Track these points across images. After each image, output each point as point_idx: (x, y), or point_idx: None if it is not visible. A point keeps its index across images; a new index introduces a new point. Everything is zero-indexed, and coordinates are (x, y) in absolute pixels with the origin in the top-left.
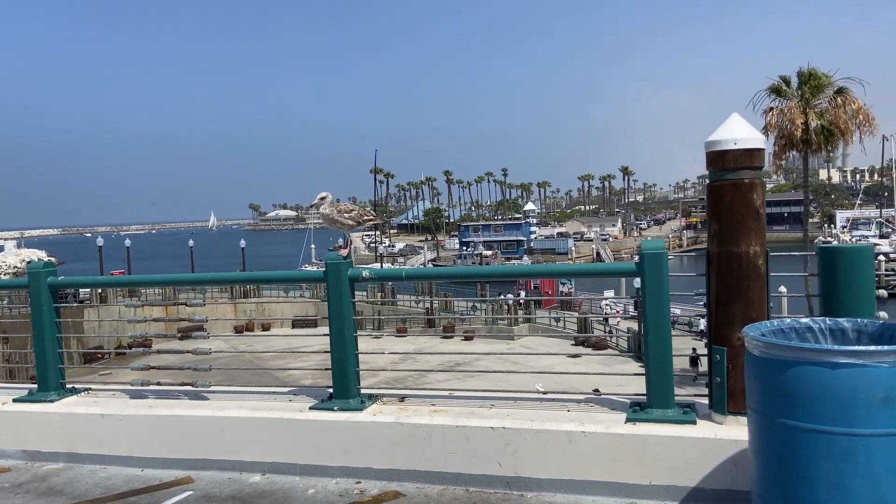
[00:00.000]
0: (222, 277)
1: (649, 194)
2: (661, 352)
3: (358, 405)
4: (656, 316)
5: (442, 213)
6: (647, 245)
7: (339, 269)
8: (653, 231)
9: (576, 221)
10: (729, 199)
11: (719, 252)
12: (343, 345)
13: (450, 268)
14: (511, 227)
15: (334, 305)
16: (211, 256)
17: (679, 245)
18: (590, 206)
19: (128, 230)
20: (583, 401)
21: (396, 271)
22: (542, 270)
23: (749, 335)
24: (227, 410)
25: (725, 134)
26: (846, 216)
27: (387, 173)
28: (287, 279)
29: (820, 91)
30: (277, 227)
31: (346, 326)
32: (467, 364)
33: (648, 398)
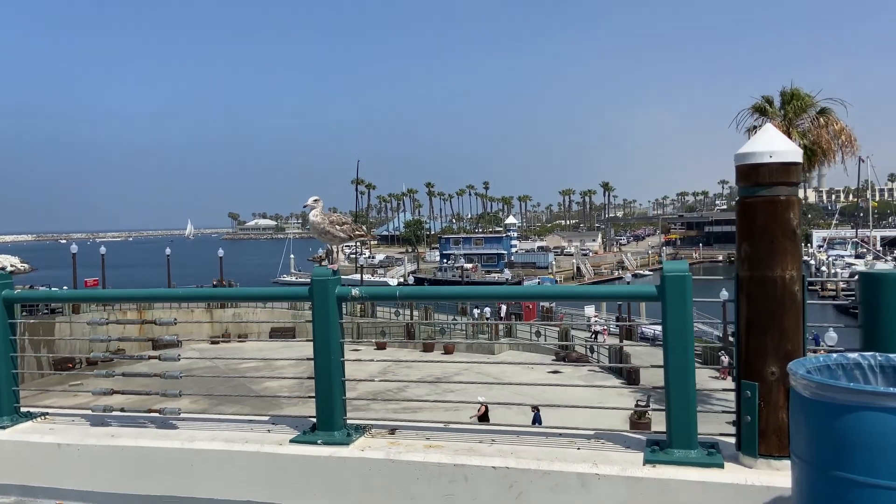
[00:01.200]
0: (197, 294)
1: (629, 210)
2: (683, 385)
3: (344, 438)
4: (679, 346)
5: (423, 225)
6: (670, 267)
7: (325, 287)
8: (632, 247)
9: (556, 236)
10: (763, 218)
11: (751, 276)
12: (329, 370)
13: (450, 287)
14: (492, 240)
15: (320, 326)
16: (188, 265)
17: (658, 261)
18: (570, 221)
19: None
20: (593, 436)
21: (390, 290)
22: (553, 293)
23: (798, 374)
24: (197, 442)
25: (760, 145)
26: (822, 236)
27: (368, 184)
28: (268, 297)
29: (803, 111)
30: (256, 236)
31: (332, 350)
32: (447, 378)
33: (669, 437)
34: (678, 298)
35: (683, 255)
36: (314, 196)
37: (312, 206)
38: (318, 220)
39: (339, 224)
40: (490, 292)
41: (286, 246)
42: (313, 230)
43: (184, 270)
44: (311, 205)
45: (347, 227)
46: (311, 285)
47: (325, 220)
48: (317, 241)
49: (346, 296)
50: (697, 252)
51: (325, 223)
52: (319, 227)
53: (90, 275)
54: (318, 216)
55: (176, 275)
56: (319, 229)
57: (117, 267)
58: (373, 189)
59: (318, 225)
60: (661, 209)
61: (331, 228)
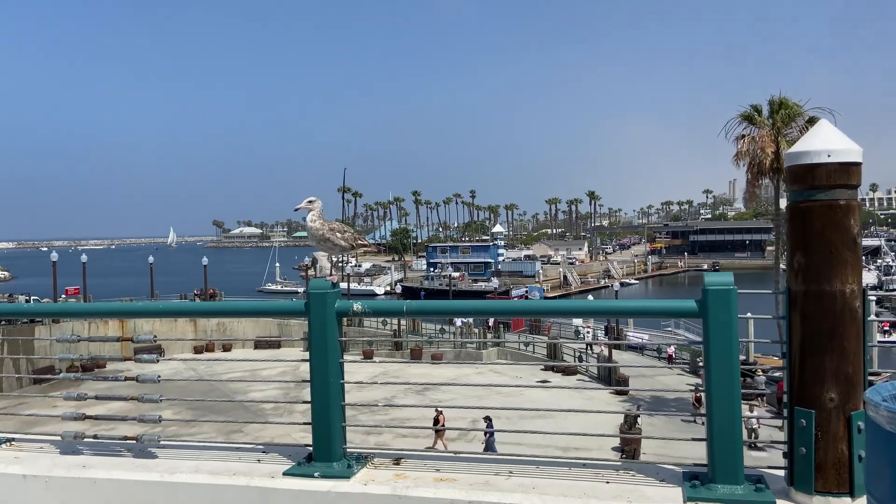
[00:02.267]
0: (182, 308)
1: (615, 219)
2: (728, 413)
3: (344, 470)
4: (724, 369)
5: (409, 233)
6: (713, 279)
7: (324, 301)
8: (618, 255)
9: (543, 244)
10: (820, 225)
11: (806, 291)
12: (327, 394)
13: (460, 302)
14: (479, 248)
15: (317, 345)
16: (172, 273)
17: (644, 270)
18: (556, 230)
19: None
20: (621, 467)
21: (396, 305)
22: (580, 308)
23: (879, 405)
24: (179, 474)
25: (816, 143)
26: None
27: (355, 192)
28: (258, 311)
29: (791, 120)
30: (241, 244)
31: (331, 371)
32: (436, 388)
33: (711, 470)
34: (722, 315)
35: (669, 264)
36: (310, 197)
37: (307, 209)
38: (317, 225)
39: (340, 232)
40: (506, 307)
41: (271, 254)
42: (311, 237)
43: (167, 279)
44: (306, 207)
45: (349, 235)
46: (308, 299)
47: (324, 226)
48: (302, 250)
49: (347, 311)
50: (683, 261)
51: (325, 230)
52: (318, 234)
53: (71, 283)
54: (317, 221)
55: (159, 283)
56: (318, 236)
57: (99, 275)
58: (359, 197)
59: (317, 231)
60: (646, 218)
61: (331, 236)
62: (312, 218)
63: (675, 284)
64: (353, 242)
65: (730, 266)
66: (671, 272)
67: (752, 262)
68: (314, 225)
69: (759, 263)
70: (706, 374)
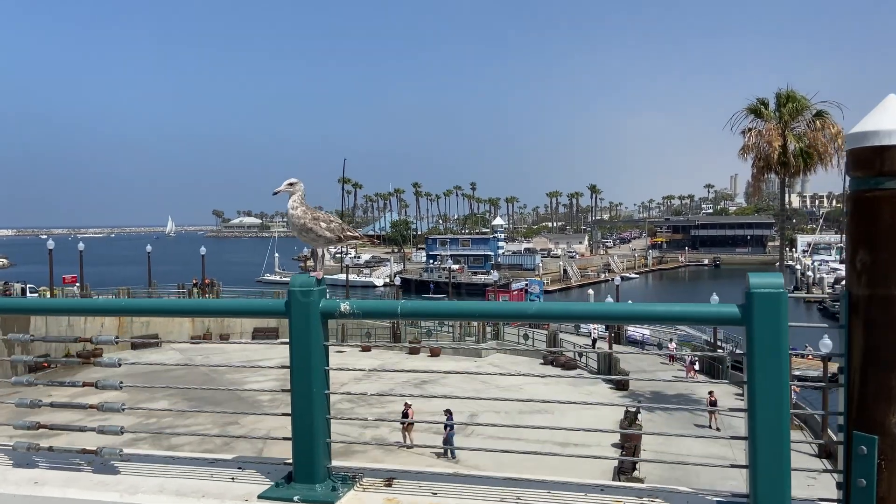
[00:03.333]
0: (154, 306)
1: (615, 213)
2: (776, 437)
3: (328, 494)
4: (771, 388)
5: (409, 225)
6: (759, 281)
7: (307, 301)
8: (619, 249)
9: (543, 237)
10: (890, 218)
11: (871, 295)
12: (310, 406)
13: (465, 304)
14: (479, 241)
15: (299, 350)
16: (170, 263)
17: (644, 264)
18: (557, 223)
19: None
20: (645, 493)
21: (389, 306)
22: (610, 313)
23: None
24: (141, 494)
25: (886, 122)
26: (807, 240)
27: (355, 183)
28: (237, 311)
29: (798, 113)
30: (241, 234)
31: (314, 380)
32: (434, 382)
33: (754, 502)
34: (770, 323)
35: (669, 259)
36: (290, 178)
37: (288, 192)
38: (299, 213)
39: (325, 222)
40: (516, 310)
41: (270, 244)
42: (292, 226)
43: (165, 268)
44: (286, 190)
45: (336, 225)
46: (289, 298)
47: (306, 215)
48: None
49: (333, 311)
50: (683, 255)
51: (307, 219)
52: (298, 223)
53: (68, 271)
54: (299, 208)
55: (157, 273)
56: (299, 225)
57: (97, 264)
58: (359, 188)
59: (298, 220)
60: (647, 212)
61: (314, 225)
62: (293, 204)
63: (675, 279)
64: (341, 234)
65: (731, 261)
66: (672, 267)
67: (754, 257)
68: (295, 212)
69: (761, 259)
70: (749, 393)
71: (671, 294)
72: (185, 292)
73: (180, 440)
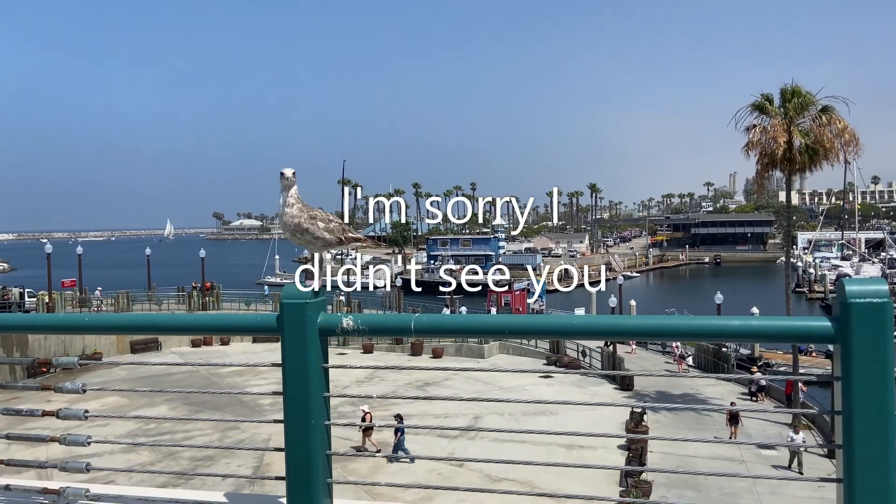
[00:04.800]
0: (129, 322)
1: (615, 212)
2: (878, 478)
3: None
4: (874, 419)
5: (410, 225)
6: (858, 289)
7: (302, 315)
8: (619, 248)
9: (543, 237)
10: None
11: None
12: (306, 440)
13: (487, 317)
14: (479, 241)
15: (294, 373)
16: (170, 266)
17: (645, 263)
18: (557, 223)
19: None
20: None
21: (400, 322)
22: (670, 329)
23: None
24: None
25: None
26: (807, 238)
27: (355, 184)
28: (221, 328)
29: (804, 109)
30: (241, 236)
31: (312, 410)
32: (437, 383)
33: None
34: (874, 341)
35: (670, 257)
36: (286, 170)
37: (286, 184)
38: (294, 211)
39: (324, 221)
40: (556, 325)
41: (271, 246)
42: (284, 227)
43: (165, 271)
44: (286, 184)
45: (336, 226)
46: (281, 311)
47: (302, 213)
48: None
49: (333, 327)
50: (684, 254)
51: (303, 218)
52: (293, 223)
53: (69, 275)
54: (295, 206)
55: (157, 276)
56: (293, 225)
57: (96, 267)
58: (359, 189)
59: (293, 219)
60: (646, 211)
61: (311, 226)
62: (289, 201)
63: (676, 277)
64: (342, 235)
65: (731, 259)
66: (672, 265)
67: (754, 255)
68: (290, 210)
69: (761, 256)
70: (845, 424)
71: (674, 293)
72: (185, 295)
73: (179, 449)
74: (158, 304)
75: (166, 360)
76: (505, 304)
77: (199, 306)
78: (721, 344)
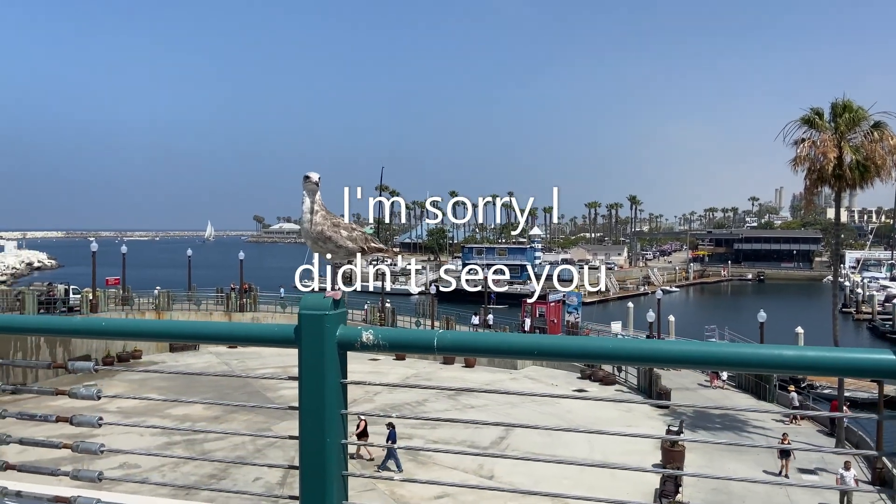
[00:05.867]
0: (148, 329)
1: (655, 225)
2: None
3: None
4: None
5: (446, 233)
6: None
7: (320, 327)
8: (658, 262)
9: (581, 248)
10: None
11: None
12: (321, 458)
13: (525, 338)
14: (515, 251)
15: (310, 388)
16: (210, 267)
17: (685, 277)
18: (595, 234)
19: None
20: None
21: (423, 338)
22: (725, 357)
23: None
24: None
25: None
26: (855, 256)
27: (392, 191)
28: (236, 337)
29: (855, 124)
30: (280, 239)
31: (327, 428)
32: (468, 393)
33: None
34: None
35: (711, 272)
36: (311, 174)
37: (310, 189)
38: (318, 219)
39: (348, 230)
40: (579, 348)
41: (308, 250)
42: (306, 234)
43: (206, 272)
44: (308, 189)
45: (359, 234)
46: (299, 323)
47: (325, 221)
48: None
49: (353, 341)
50: (726, 269)
51: (326, 225)
52: (315, 231)
53: (113, 273)
54: (319, 213)
55: (197, 276)
56: (315, 233)
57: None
58: (397, 196)
59: (316, 227)
60: (688, 225)
61: (334, 234)
62: (314, 208)
63: (717, 294)
64: (365, 244)
65: (776, 276)
66: (713, 280)
67: (800, 272)
68: (315, 218)
69: (807, 274)
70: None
71: (715, 310)
72: (224, 296)
73: (213, 445)
74: (197, 304)
75: (200, 360)
76: (539, 315)
77: (237, 308)
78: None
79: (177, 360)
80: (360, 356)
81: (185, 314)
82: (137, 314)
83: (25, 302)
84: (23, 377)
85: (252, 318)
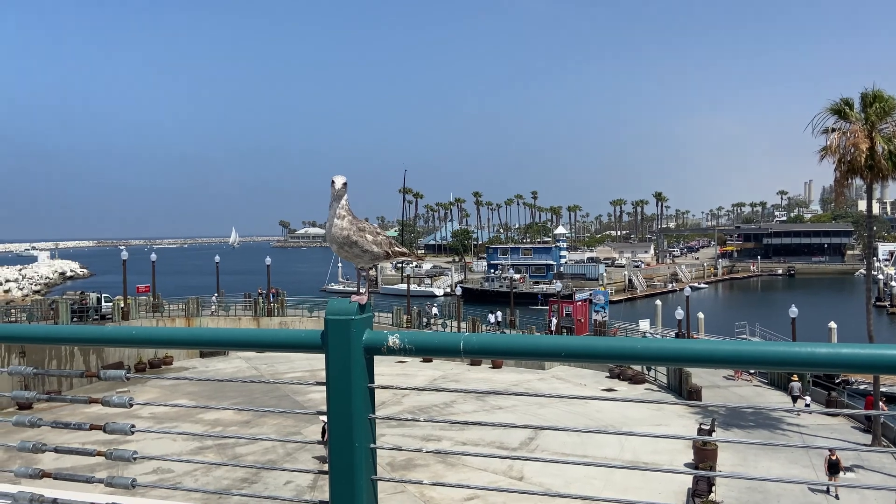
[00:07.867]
0: (173, 337)
1: (682, 221)
2: None
3: None
4: None
5: (470, 234)
6: None
7: (347, 332)
8: (686, 259)
9: (607, 247)
10: None
11: None
12: (350, 463)
13: (555, 340)
14: (540, 250)
15: (338, 393)
16: (238, 273)
17: (714, 273)
18: (621, 232)
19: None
20: None
21: (449, 341)
22: (757, 356)
23: None
24: None
25: None
26: (889, 249)
27: (416, 193)
28: (263, 343)
29: (886, 114)
30: (306, 244)
31: (356, 432)
32: (496, 393)
33: None
34: None
35: (740, 268)
36: (339, 178)
37: (339, 194)
38: (345, 224)
39: (373, 234)
40: (607, 349)
41: (335, 254)
42: (332, 239)
43: (233, 278)
44: (337, 193)
45: (383, 239)
46: (326, 328)
47: (352, 226)
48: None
49: (379, 346)
50: (755, 265)
51: (353, 230)
52: (342, 235)
53: (144, 281)
54: (346, 218)
55: (225, 282)
56: (341, 238)
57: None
58: (420, 198)
59: (342, 231)
60: (715, 220)
61: (359, 238)
62: (340, 213)
63: (747, 289)
64: (389, 249)
65: (806, 271)
66: (743, 276)
67: (831, 266)
68: (341, 223)
69: (839, 268)
70: None
71: (745, 306)
72: (251, 301)
73: (244, 449)
74: (226, 310)
75: (229, 365)
76: (566, 314)
77: (265, 313)
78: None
79: (207, 366)
80: (388, 358)
81: (214, 320)
82: (168, 320)
83: (59, 311)
84: (57, 385)
85: (280, 322)
